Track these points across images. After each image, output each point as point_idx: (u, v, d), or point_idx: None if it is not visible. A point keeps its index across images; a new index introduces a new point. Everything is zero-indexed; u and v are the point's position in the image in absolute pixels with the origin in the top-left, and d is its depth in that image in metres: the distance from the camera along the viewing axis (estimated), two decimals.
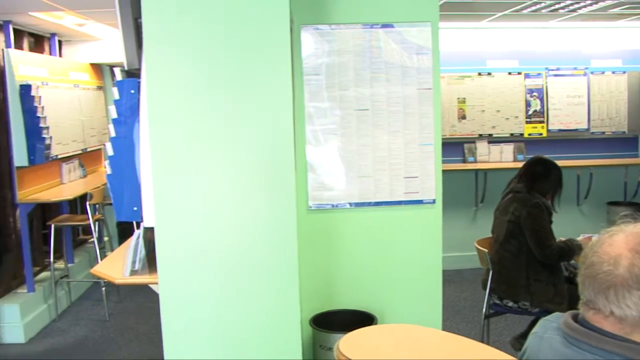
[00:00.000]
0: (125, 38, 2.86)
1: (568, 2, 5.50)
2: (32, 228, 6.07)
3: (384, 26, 3.51)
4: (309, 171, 3.57)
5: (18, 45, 5.97)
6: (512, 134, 6.96)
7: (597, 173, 7.06)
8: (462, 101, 6.90)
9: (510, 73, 6.94)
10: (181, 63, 2.50)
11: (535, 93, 6.93)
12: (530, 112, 6.94)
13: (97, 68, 7.64)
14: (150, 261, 2.82)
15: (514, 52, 6.97)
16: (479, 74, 6.92)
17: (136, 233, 2.81)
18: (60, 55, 6.98)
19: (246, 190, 2.53)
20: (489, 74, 6.92)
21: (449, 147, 6.48)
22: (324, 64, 3.53)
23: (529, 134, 6.96)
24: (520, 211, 4.11)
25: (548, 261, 4.08)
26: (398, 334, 2.40)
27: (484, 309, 4.33)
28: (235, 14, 2.47)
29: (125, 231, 7.53)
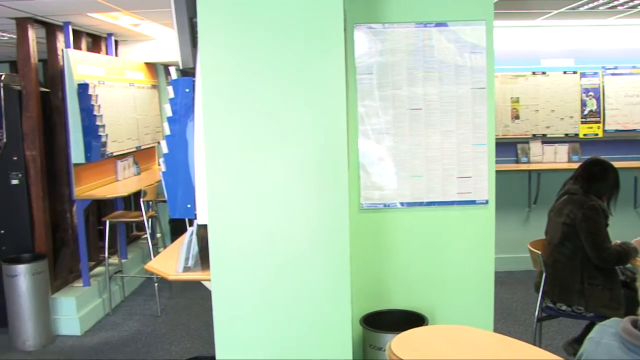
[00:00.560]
0: (180, 37, 2.90)
1: None
2: (88, 224, 6.20)
3: (438, 25, 3.48)
4: (361, 170, 3.57)
5: (76, 45, 6.10)
6: (567, 134, 6.83)
7: None
8: (516, 101, 6.80)
9: (565, 72, 6.80)
10: (235, 62, 2.52)
11: (591, 92, 6.78)
12: (585, 112, 6.79)
13: (152, 67, 7.76)
14: (203, 258, 2.85)
15: (570, 51, 6.83)
16: (533, 73, 6.81)
17: (189, 230, 2.84)
18: (116, 54, 7.11)
19: (299, 188, 2.54)
20: (544, 73, 6.80)
21: (502, 148, 6.40)
22: (377, 63, 3.52)
23: (585, 135, 6.81)
24: (575, 213, 4.03)
25: (604, 265, 3.99)
26: (450, 335, 2.38)
27: (537, 312, 4.26)
28: (289, 13, 2.48)
29: (177, 228, 7.65)
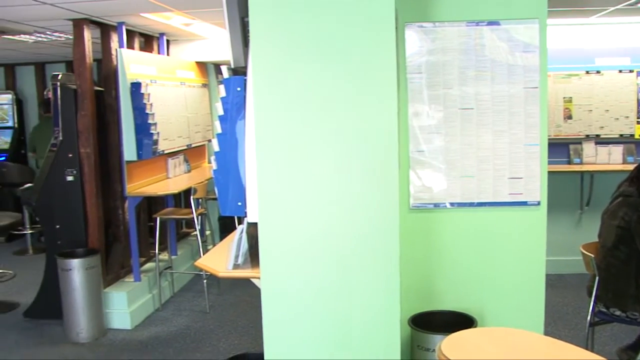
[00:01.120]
0: (232, 37, 2.92)
1: None
2: (139, 220, 6.30)
3: (490, 23, 3.45)
4: (411, 170, 3.55)
5: (130, 45, 6.21)
6: (622, 135, 6.67)
7: None
8: (569, 100, 6.68)
9: (621, 71, 6.64)
10: (287, 61, 2.54)
11: None
12: None
13: (202, 66, 7.85)
14: (252, 256, 2.87)
15: (626, 49, 6.66)
16: (587, 72, 6.67)
17: (240, 228, 2.87)
18: (168, 54, 7.21)
19: (349, 188, 2.54)
20: (598, 72, 6.65)
21: (554, 148, 6.27)
22: (428, 62, 3.50)
23: None
24: (630, 216, 3.94)
25: None
26: (501, 337, 2.36)
27: (589, 317, 4.17)
28: (340, 12, 2.49)
29: (226, 225, 7.73)
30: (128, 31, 6.10)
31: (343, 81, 2.51)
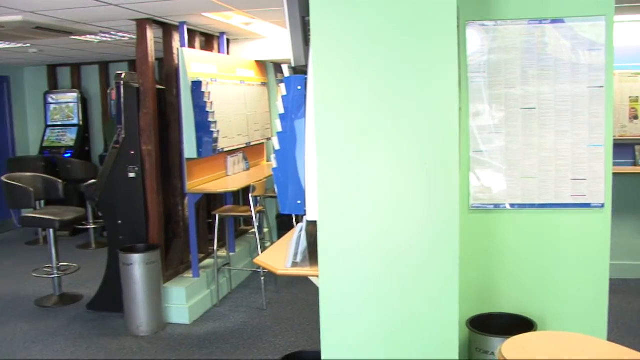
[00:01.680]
0: (292, 36, 2.94)
1: None
2: (198, 217, 6.39)
3: (554, 21, 3.38)
4: (472, 170, 3.51)
5: (191, 44, 6.30)
6: None
7: None
8: (635, 100, 6.50)
9: None
10: (347, 60, 2.54)
11: None
12: None
13: (262, 65, 7.91)
14: (311, 254, 2.88)
15: None
16: None
17: (299, 226, 2.88)
18: (228, 53, 7.29)
19: (410, 187, 2.53)
20: None
21: (619, 149, 6.09)
22: (489, 61, 3.46)
23: None
24: None
25: None
26: (563, 342, 2.31)
27: None
28: (401, 11, 2.47)
29: (284, 223, 7.77)
30: (189, 31, 6.19)
31: (404, 80, 2.50)
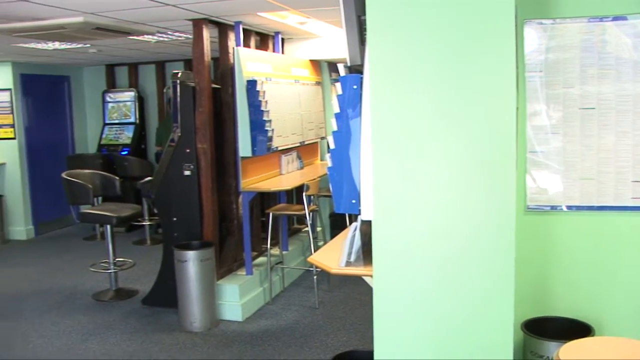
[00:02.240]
0: (348, 35, 2.93)
1: None
2: (252, 215, 6.43)
3: (615, 19, 3.29)
4: (528, 171, 3.46)
5: (246, 43, 6.35)
6: None
7: None
8: None
9: None
10: (404, 59, 2.52)
11: None
12: None
13: (316, 64, 7.92)
14: (365, 253, 2.88)
15: None
16: None
17: (353, 225, 2.87)
18: (282, 52, 7.32)
19: (465, 188, 2.50)
20: None
21: None
22: (547, 60, 3.39)
23: None
24: None
25: None
26: (622, 348, 2.25)
27: None
28: (459, 9, 2.44)
29: (337, 222, 7.78)
30: (245, 30, 6.24)
31: (461, 80, 2.47)
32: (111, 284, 6.76)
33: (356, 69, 2.92)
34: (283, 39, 7.35)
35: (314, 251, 6.13)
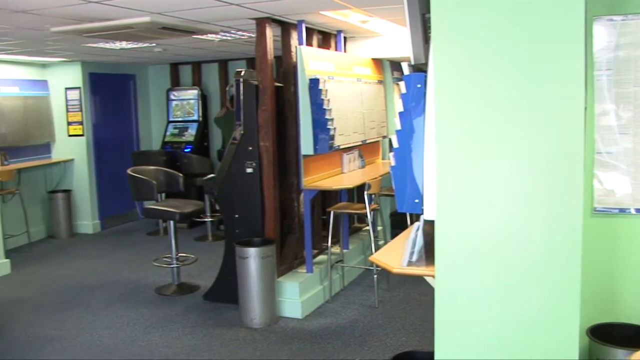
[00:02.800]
0: (412, 33, 2.91)
1: None
2: (313, 213, 6.46)
3: None
4: (595, 172, 3.37)
5: (308, 42, 6.35)
6: None
7: None
8: None
9: None
10: (469, 57, 2.49)
11: None
12: None
13: (378, 63, 7.89)
14: (427, 254, 2.85)
15: None
16: None
17: (415, 225, 2.86)
18: (344, 50, 7.32)
19: (531, 189, 2.45)
20: None
21: None
22: (617, 58, 3.30)
23: None
24: None
25: None
26: None
27: None
28: (526, 7, 2.39)
29: (397, 222, 7.74)
30: (307, 29, 6.25)
31: (527, 78, 2.42)
32: (173, 279, 6.88)
33: (419, 68, 2.90)
34: (345, 38, 7.34)
35: (375, 250, 6.13)
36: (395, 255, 3.03)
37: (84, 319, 5.97)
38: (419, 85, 2.74)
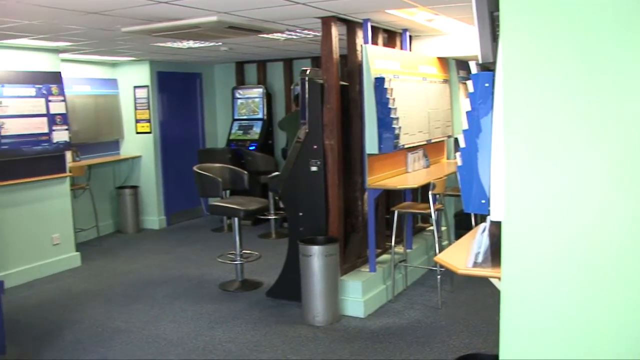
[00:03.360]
0: (480, 32, 2.88)
1: None
2: (377, 212, 6.43)
3: None
4: None
5: (374, 41, 6.34)
6: None
7: None
8: None
9: None
10: (540, 56, 2.42)
11: None
12: None
13: (444, 61, 7.81)
14: (493, 255, 2.81)
15: None
16: None
17: (482, 226, 2.82)
18: (410, 49, 7.27)
19: (609, 191, 2.36)
20: None
21: None
22: None
23: None
24: None
25: None
26: None
27: None
28: (604, 2, 2.32)
29: (462, 222, 7.65)
30: (373, 27, 6.24)
31: (603, 76, 2.34)
32: (237, 275, 6.97)
33: (487, 67, 2.85)
34: (411, 36, 7.30)
35: (438, 250, 6.08)
36: (460, 256, 3.00)
37: (150, 312, 6.10)
38: (487, 84, 2.71)
